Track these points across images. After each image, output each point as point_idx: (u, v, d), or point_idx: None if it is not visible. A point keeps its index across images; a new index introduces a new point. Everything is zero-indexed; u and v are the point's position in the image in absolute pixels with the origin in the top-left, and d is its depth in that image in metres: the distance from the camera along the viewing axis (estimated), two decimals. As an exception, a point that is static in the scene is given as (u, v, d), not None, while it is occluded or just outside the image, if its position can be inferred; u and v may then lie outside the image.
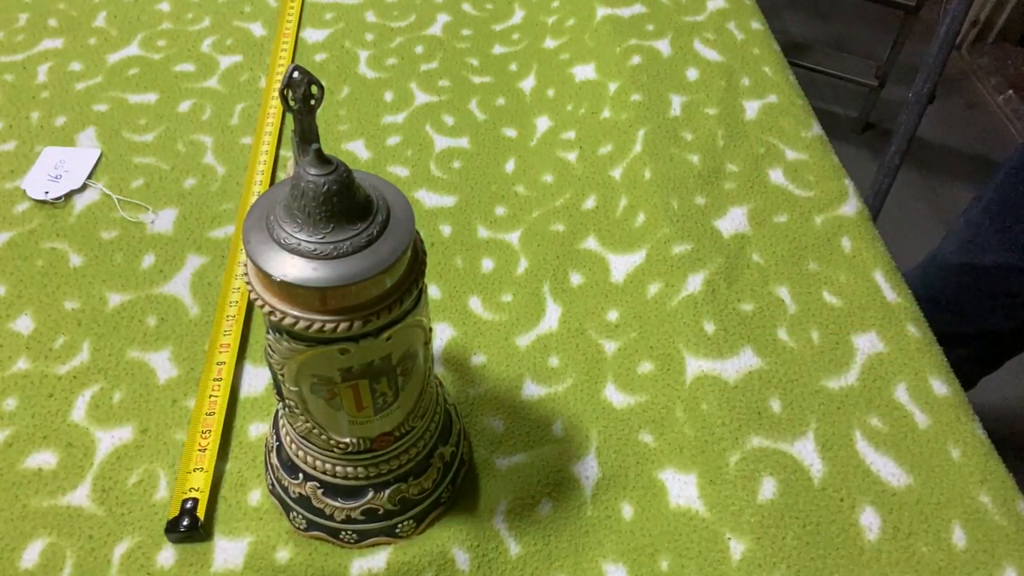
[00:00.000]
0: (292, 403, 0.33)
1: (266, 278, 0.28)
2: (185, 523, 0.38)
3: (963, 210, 0.78)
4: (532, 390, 0.45)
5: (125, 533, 0.39)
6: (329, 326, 0.28)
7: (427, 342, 0.34)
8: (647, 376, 0.45)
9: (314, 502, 0.37)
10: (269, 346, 0.31)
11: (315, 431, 0.34)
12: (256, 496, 0.40)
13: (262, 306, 0.28)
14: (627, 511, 0.40)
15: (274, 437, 0.39)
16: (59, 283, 0.49)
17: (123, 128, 0.58)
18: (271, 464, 0.39)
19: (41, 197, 0.53)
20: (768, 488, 0.41)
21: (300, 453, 0.36)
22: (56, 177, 0.54)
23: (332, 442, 0.34)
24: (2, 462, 0.41)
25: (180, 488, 0.40)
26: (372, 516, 0.37)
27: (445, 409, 0.39)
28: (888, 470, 0.42)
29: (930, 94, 1.16)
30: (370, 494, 0.37)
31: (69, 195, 0.53)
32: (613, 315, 0.48)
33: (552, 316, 0.48)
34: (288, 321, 0.28)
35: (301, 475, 0.37)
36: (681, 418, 0.43)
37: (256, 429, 0.43)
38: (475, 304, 0.49)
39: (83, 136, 0.57)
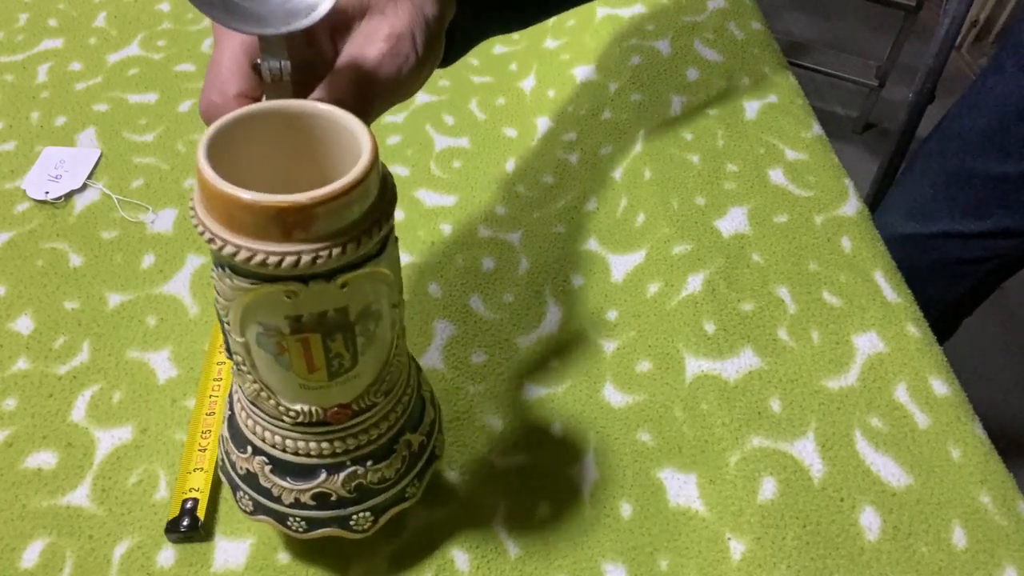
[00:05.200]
0: (239, 358, 0.30)
1: (209, 200, 0.26)
2: (185, 523, 0.38)
3: (897, 181, 0.80)
4: (532, 390, 0.45)
5: (125, 533, 0.39)
6: (273, 259, 0.25)
7: (395, 304, 0.31)
8: (646, 375, 0.45)
9: (261, 480, 0.34)
10: (215, 287, 0.29)
11: (263, 393, 0.31)
12: (256, 496, 0.40)
13: (202, 232, 0.26)
14: (626, 510, 0.40)
15: (227, 406, 0.36)
16: (59, 283, 0.49)
17: (123, 128, 0.58)
18: (223, 436, 0.36)
19: (41, 197, 0.53)
20: (768, 488, 0.41)
21: (249, 422, 0.33)
22: (56, 177, 0.54)
23: (281, 408, 0.31)
24: (2, 462, 0.41)
25: (180, 488, 0.40)
26: (323, 502, 0.34)
27: (419, 394, 0.36)
28: (888, 470, 0.42)
29: (930, 94, 1.16)
30: (322, 475, 0.33)
31: (69, 195, 0.53)
32: (612, 315, 0.48)
33: (553, 318, 0.48)
34: (228, 250, 0.25)
35: (249, 448, 0.34)
36: (680, 417, 0.43)
37: (256, 429, 0.43)
38: (476, 303, 0.49)
39: (83, 136, 0.57)
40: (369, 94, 0.30)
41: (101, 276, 0.49)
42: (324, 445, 0.33)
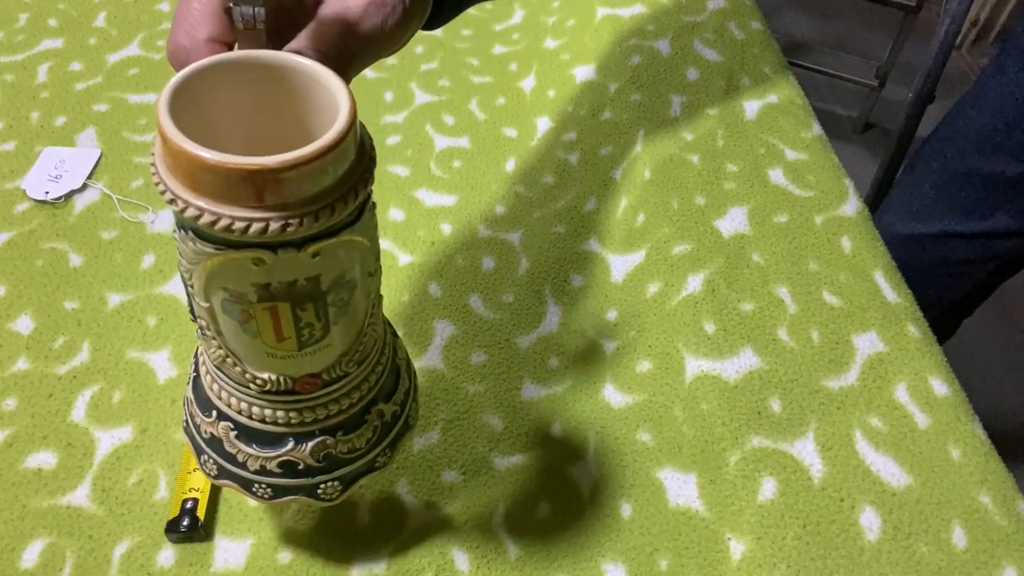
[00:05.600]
0: (204, 323, 0.28)
1: (171, 157, 0.24)
2: (185, 523, 0.38)
3: (897, 181, 0.81)
4: (531, 391, 0.45)
5: (125, 533, 0.39)
6: (239, 225, 0.23)
7: (371, 273, 0.29)
8: (646, 375, 0.45)
9: (226, 445, 0.32)
10: (178, 249, 0.27)
11: (229, 360, 0.29)
12: (256, 496, 0.40)
13: (163, 191, 0.24)
14: (626, 510, 0.40)
15: (193, 367, 0.34)
16: (59, 283, 0.49)
17: (123, 128, 0.58)
18: (187, 398, 0.34)
19: (41, 197, 0.53)
20: (768, 488, 0.41)
21: (215, 387, 0.32)
22: (56, 177, 0.54)
23: (248, 376, 0.29)
24: (2, 462, 0.41)
25: (180, 488, 0.40)
26: (290, 470, 0.32)
27: (394, 362, 0.34)
28: (888, 470, 0.42)
29: (930, 94, 1.16)
30: (290, 444, 0.31)
31: (69, 195, 0.53)
32: (612, 315, 0.48)
33: (553, 318, 0.48)
34: (191, 213, 0.23)
35: (214, 412, 0.32)
36: (680, 417, 0.43)
37: (256, 429, 0.43)
38: (476, 303, 0.49)
39: (83, 136, 0.57)
40: (352, 47, 0.28)
41: (101, 276, 0.49)
42: (292, 414, 0.31)
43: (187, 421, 0.34)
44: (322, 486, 0.33)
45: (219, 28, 0.27)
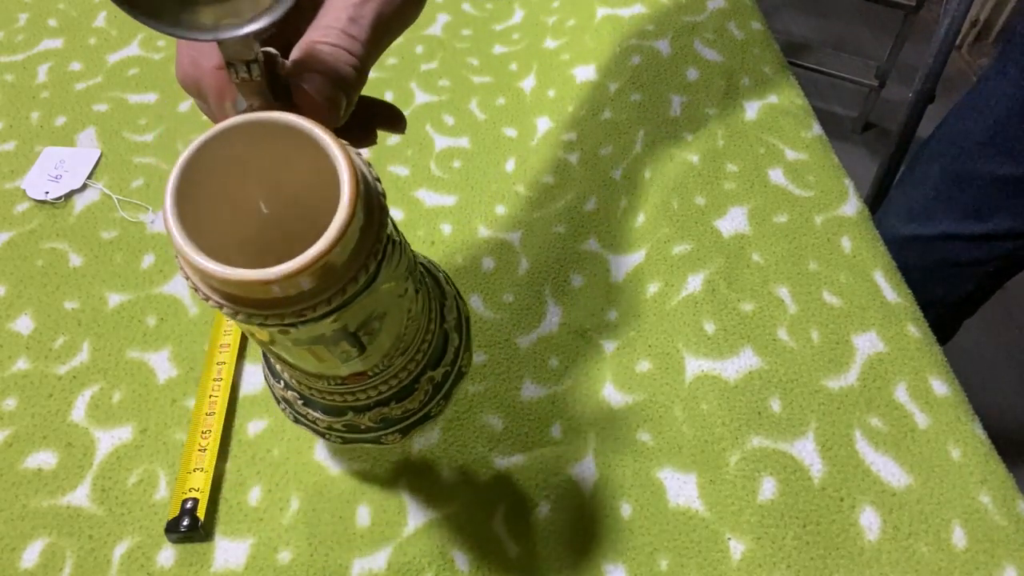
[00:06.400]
0: (255, 341, 0.31)
1: (184, 263, 0.25)
2: (185, 523, 0.38)
3: (897, 182, 0.81)
4: (531, 390, 0.45)
5: (125, 533, 0.39)
6: (256, 319, 0.25)
7: (401, 295, 0.29)
8: (646, 375, 0.45)
9: (296, 408, 0.36)
10: None
11: (279, 365, 0.32)
12: (256, 495, 0.40)
13: (187, 278, 0.26)
14: (626, 510, 0.40)
15: None
16: (59, 283, 0.49)
17: (123, 128, 0.58)
18: (264, 363, 0.38)
19: (41, 197, 0.53)
20: (768, 488, 0.41)
21: (278, 366, 0.34)
22: (56, 177, 0.54)
23: (301, 376, 0.32)
24: (2, 462, 0.41)
25: (180, 488, 0.40)
26: (354, 429, 0.36)
27: (441, 329, 0.35)
28: (888, 470, 0.42)
29: (930, 94, 1.16)
30: (349, 414, 0.34)
31: (69, 195, 0.53)
32: (612, 314, 0.48)
33: (553, 318, 0.48)
34: (212, 304, 0.25)
35: (283, 383, 0.35)
36: (680, 417, 0.43)
37: (255, 427, 0.43)
38: (476, 302, 0.49)
39: (83, 136, 0.57)
40: (360, 32, 0.27)
41: (101, 276, 0.49)
42: (348, 396, 0.34)
43: (267, 375, 0.37)
44: (384, 437, 0.36)
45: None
